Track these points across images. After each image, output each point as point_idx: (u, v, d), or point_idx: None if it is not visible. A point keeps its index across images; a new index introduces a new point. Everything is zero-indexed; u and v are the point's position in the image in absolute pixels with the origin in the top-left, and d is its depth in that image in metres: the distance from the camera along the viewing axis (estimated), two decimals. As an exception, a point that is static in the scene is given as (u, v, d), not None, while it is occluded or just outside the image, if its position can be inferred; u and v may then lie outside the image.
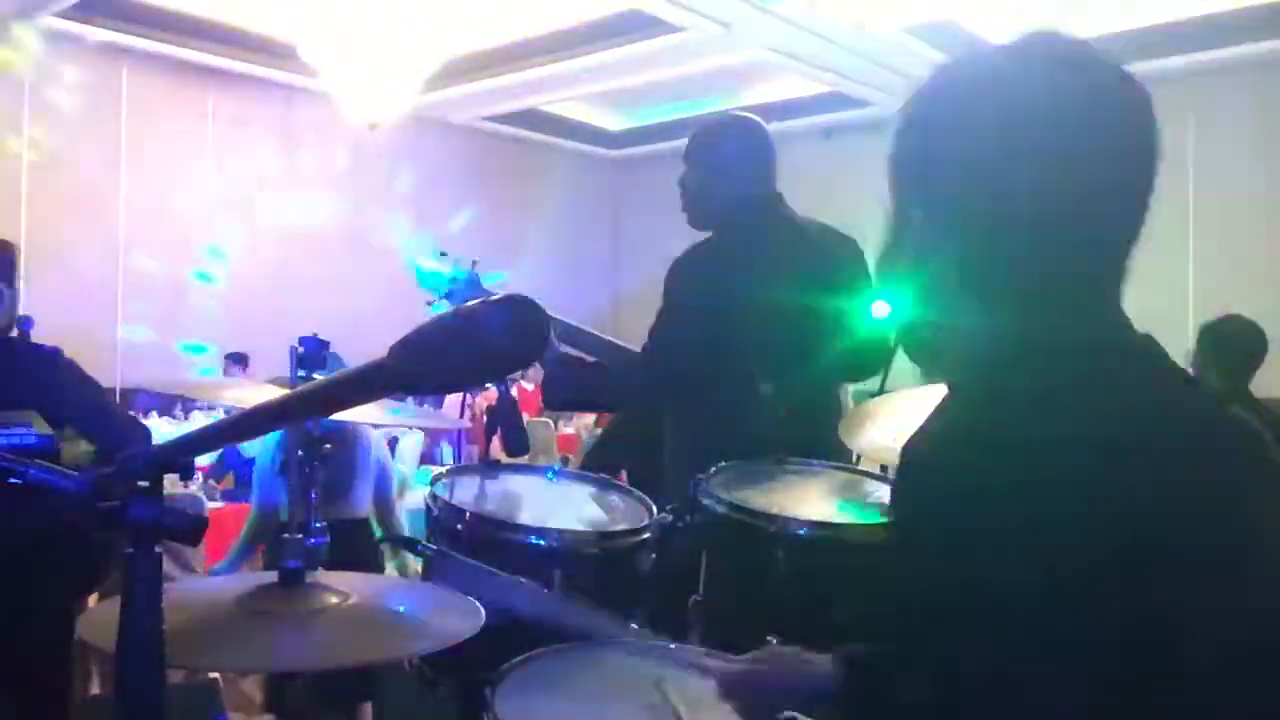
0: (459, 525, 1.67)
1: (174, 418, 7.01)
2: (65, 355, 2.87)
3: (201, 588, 1.85)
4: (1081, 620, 0.76)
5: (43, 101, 7.83)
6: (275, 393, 1.63)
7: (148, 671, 0.79)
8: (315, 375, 1.59)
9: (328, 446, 1.61)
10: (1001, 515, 0.82)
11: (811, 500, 1.81)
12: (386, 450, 3.98)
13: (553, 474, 2.09)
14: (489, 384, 2.59)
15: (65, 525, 2.37)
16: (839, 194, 3.59)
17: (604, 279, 11.19)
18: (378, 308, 8.24)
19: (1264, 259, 7.51)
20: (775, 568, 1.61)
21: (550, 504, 1.91)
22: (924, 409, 1.06)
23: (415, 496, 5.30)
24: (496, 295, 0.69)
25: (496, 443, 2.03)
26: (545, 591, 1.49)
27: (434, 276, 2.34)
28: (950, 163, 0.90)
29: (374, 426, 3.68)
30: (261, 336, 8.38)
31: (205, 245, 8.80)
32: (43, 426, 2.59)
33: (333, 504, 3.10)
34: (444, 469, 1.97)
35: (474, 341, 0.66)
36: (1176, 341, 0.93)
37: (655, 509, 1.83)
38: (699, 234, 2.47)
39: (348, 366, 0.76)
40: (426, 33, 7.56)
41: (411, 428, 6.37)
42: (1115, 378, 0.86)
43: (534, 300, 0.68)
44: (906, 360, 1.06)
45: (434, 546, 1.67)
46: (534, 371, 5.47)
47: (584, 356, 2.42)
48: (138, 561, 0.80)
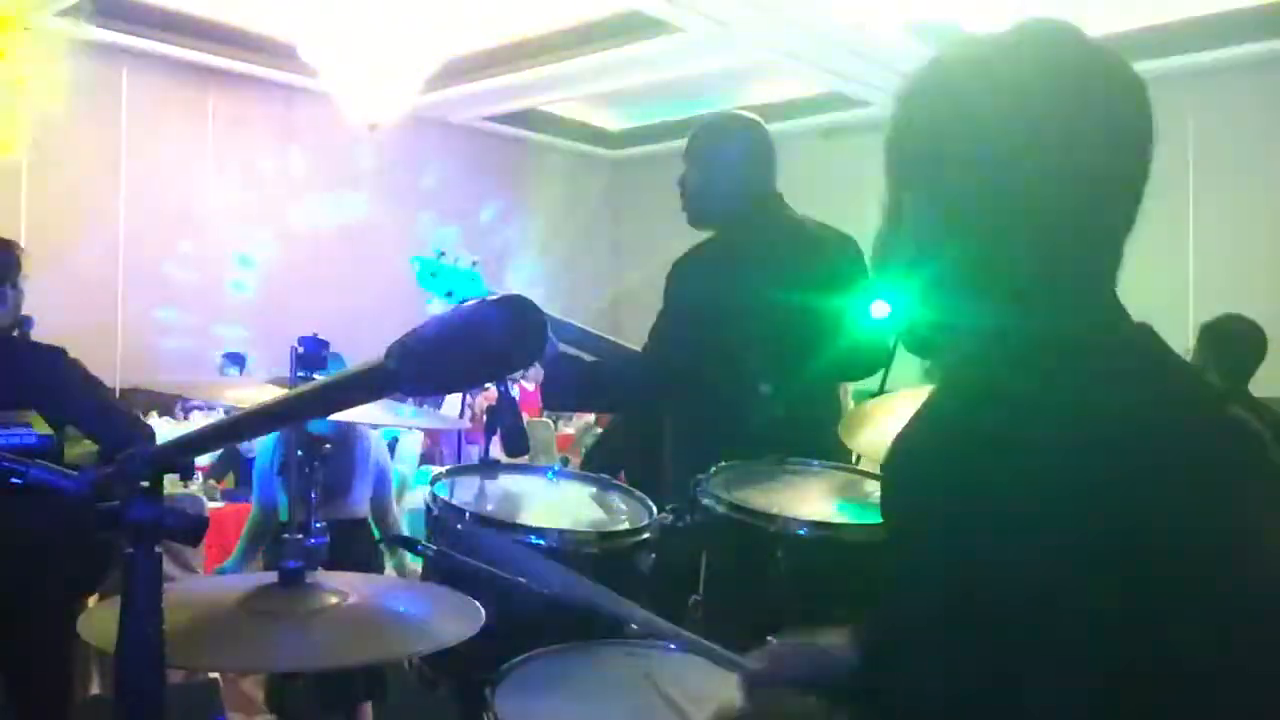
0: (459, 525, 1.67)
1: (174, 418, 7.01)
2: (69, 355, 2.88)
3: (201, 588, 1.85)
4: (1079, 617, 0.76)
5: (42, 101, 7.83)
6: (275, 393, 1.63)
7: (148, 671, 0.79)
8: (315, 375, 1.59)
9: (328, 447, 1.61)
10: (999, 511, 0.81)
11: (811, 500, 1.81)
12: (386, 451, 3.98)
13: (553, 474, 2.09)
14: (489, 384, 2.59)
15: (68, 525, 2.37)
16: (839, 194, 3.59)
17: (604, 279, 11.19)
18: (377, 307, 8.26)
19: (1264, 259, 7.51)
20: (775, 568, 1.61)
21: (550, 504, 1.91)
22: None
23: (415, 496, 5.30)
24: (496, 295, 0.69)
25: (496, 443, 2.03)
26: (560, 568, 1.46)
27: (437, 275, 2.34)
28: (950, 156, 0.90)
29: (374, 426, 3.68)
30: (261, 335, 8.40)
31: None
32: (42, 426, 2.59)
33: (331, 504, 3.10)
34: (444, 469, 1.96)
35: (474, 341, 0.66)
36: (1177, 341, 0.93)
37: (655, 509, 1.83)
38: (699, 234, 2.47)
39: (348, 366, 0.76)
40: (426, 33, 7.56)
41: (411, 428, 6.36)
42: (1114, 372, 0.86)
43: (533, 300, 0.68)
44: (906, 360, 1.06)
45: (434, 546, 1.67)
46: (534, 371, 5.47)
47: (584, 356, 2.42)
48: (138, 561, 0.80)
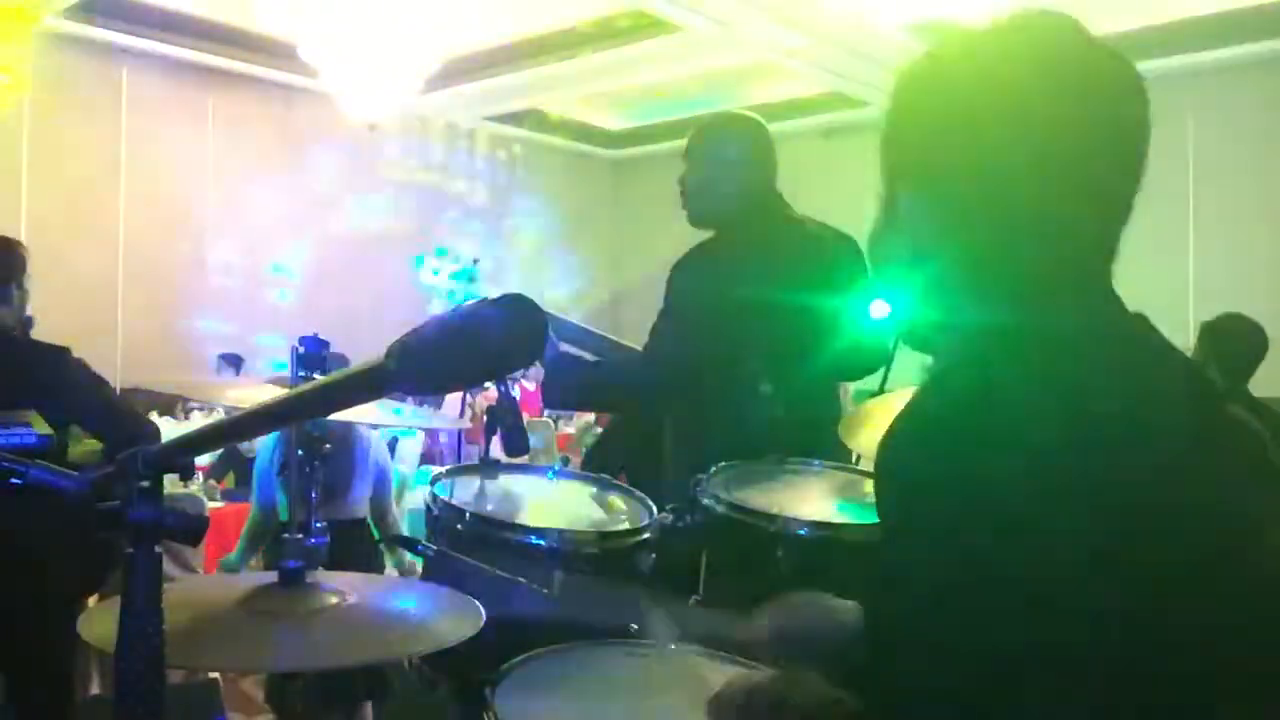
0: (459, 525, 1.67)
1: (174, 417, 7.01)
2: (73, 354, 2.89)
3: (201, 587, 1.85)
4: (1076, 616, 0.75)
5: (43, 101, 7.83)
6: (275, 393, 1.63)
7: (148, 671, 0.79)
8: (315, 375, 1.59)
9: (328, 446, 1.61)
10: (996, 508, 0.80)
11: (811, 500, 1.81)
12: (386, 451, 3.98)
13: (553, 474, 2.09)
14: (489, 384, 2.59)
15: (69, 525, 2.37)
16: (839, 194, 3.58)
17: (604, 279, 11.19)
18: (377, 307, 8.26)
19: (1264, 259, 7.51)
20: (775, 568, 1.60)
21: (550, 504, 1.91)
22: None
23: (415, 496, 5.30)
24: (496, 294, 0.69)
25: (496, 442, 2.03)
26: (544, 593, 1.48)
27: (438, 274, 2.34)
28: (946, 152, 0.89)
29: (374, 426, 3.68)
30: (257, 335, 8.40)
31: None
32: (42, 426, 2.59)
33: (331, 504, 3.10)
34: (444, 469, 1.96)
35: (474, 341, 0.66)
36: (1176, 340, 0.92)
37: (655, 509, 1.83)
38: (699, 234, 2.47)
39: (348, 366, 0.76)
40: (426, 33, 7.55)
41: (411, 428, 6.36)
42: (1112, 367, 0.85)
43: (533, 300, 0.68)
44: (906, 360, 1.06)
45: (434, 546, 1.66)
46: (534, 371, 5.46)
47: (584, 356, 2.42)
48: (138, 561, 0.80)
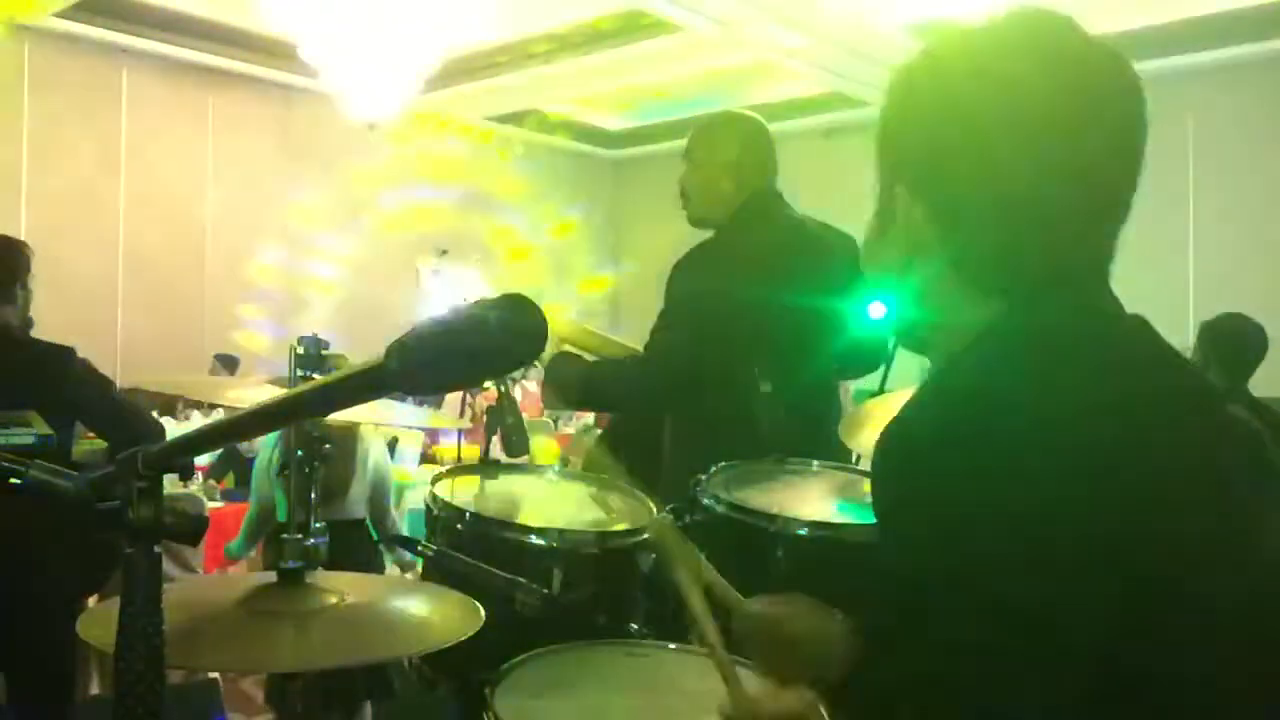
0: (459, 525, 1.67)
1: (174, 417, 7.01)
2: (78, 354, 2.90)
3: (201, 587, 1.85)
4: (1074, 616, 0.75)
5: (42, 101, 7.84)
6: (275, 393, 1.63)
7: (148, 671, 0.79)
8: (314, 375, 1.58)
9: (328, 446, 1.61)
10: (993, 509, 0.80)
11: (811, 500, 1.81)
12: (385, 452, 3.97)
13: (553, 474, 2.09)
14: (489, 384, 2.59)
15: (69, 525, 2.37)
16: (839, 194, 3.58)
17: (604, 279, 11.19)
18: (377, 307, 8.26)
19: (1264, 259, 7.51)
20: (775, 568, 1.60)
21: (550, 504, 1.91)
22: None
23: (415, 496, 5.30)
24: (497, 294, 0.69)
25: (497, 442, 2.03)
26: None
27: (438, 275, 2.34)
28: (943, 151, 0.89)
29: (374, 426, 3.69)
30: (258, 335, 8.40)
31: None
32: (42, 426, 2.59)
33: (329, 505, 3.10)
34: (444, 469, 1.96)
35: (474, 341, 0.66)
36: (1176, 339, 0.92)
37: (655, 509, 1.83)
38: (699, 234, 2.47)
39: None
40: (426, 33, 7.55)
41: (411, 427, 6.36)
42: (1109, 368, 0.85)
43: (533, 300, 0.68)
44: (906, 360, 1.05)
45: (434, 546, 1.66)
46: (534, 371, 5.46)
47: (585, 356, 2.42)
48: (138, 561, 0.80)
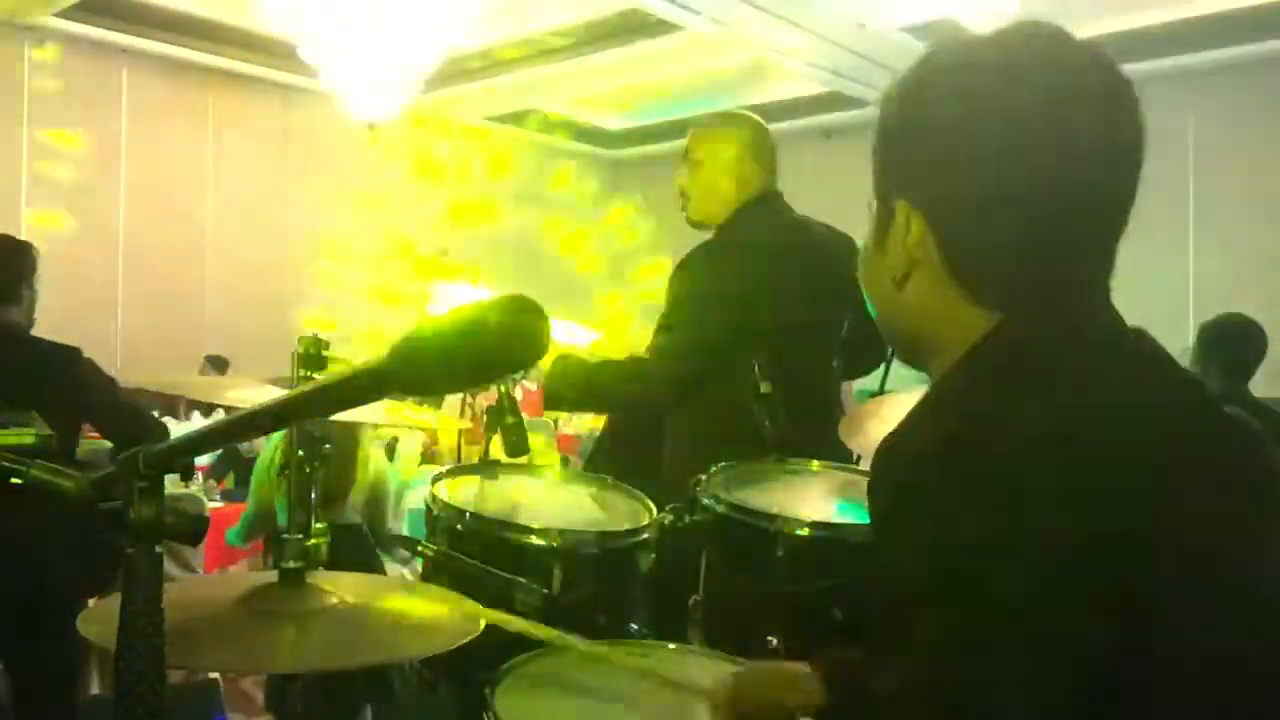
0: (459, 525, 1.67)
1: (174, 417, 7.01)
2: (82, 354, 2.91)
3: (201, 588, 1.85)
4: (1073, 619, 0.74)
5: (42, 101, 7.83)
6: (275, 393, 1.63)
7: (148, 671, 0.79)
8: (315, 375, 1.59)
9: (328, 447, 1.61)
10: (992, 511, 0.80)
11: (811, 500, 1.81)
12: (384, 454, 3.97)
13: (553, 474, 2.09)
14: (489, 384, 2.58)
15: (69, 525, 2.38)
16: (839, 194, 3.59)
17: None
18: (376, 307, 8.25)
19: (1264, 259, 7.51)
20: (775, 568, 1.60)
21: (550, 504, 1.91)
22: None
23: (415, 496, 5.30)
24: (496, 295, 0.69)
25: (497, 442, 2.03)
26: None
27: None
28: (942, 159, 0.89)
29: (374, 426, 3.68)
30: (257, 334, 8.39)
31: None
32: (42, 426, 2.60)
33: (329, 509, 3.10)
34: (444, 469, 1.96)
35: (474, 342, 0.66)
36: (1176, 340, 0.93)
37: (655, 509, 1.83)
38: (699, 234, 2.47)
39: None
40: (426, 33, 7.55)
41: (412, 427, 6.36)
42: (1110, 376, 0.85)
43: (534, 300, 0.68)
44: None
45: (434, 546, 1.66)
46: (535, 372, 5.45)
47: (585, 356, 2.42)
48: (139, 561, 0.80)
